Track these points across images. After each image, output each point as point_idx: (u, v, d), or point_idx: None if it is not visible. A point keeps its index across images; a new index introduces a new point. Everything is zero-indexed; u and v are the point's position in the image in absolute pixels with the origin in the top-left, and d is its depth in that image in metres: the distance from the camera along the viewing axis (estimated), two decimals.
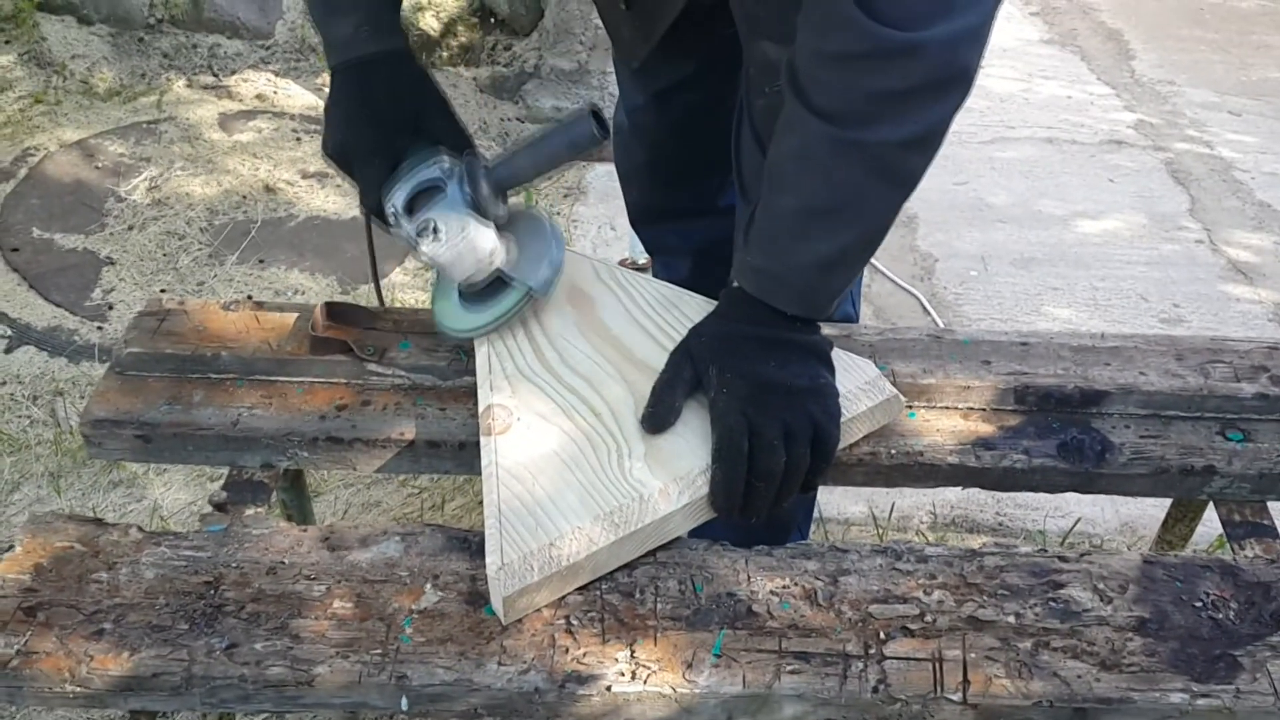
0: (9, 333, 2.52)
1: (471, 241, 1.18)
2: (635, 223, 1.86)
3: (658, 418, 1.14)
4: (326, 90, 1.29)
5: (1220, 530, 1.27)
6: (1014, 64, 4.31)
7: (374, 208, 1.24)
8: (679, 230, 1.76)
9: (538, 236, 1.25)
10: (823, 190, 1.10)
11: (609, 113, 1.26)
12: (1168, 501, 1.56)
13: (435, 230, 1.18)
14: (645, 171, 1.73)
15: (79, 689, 1.00)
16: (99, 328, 2.55)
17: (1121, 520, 2.17)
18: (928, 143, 1.08)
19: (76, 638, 1.02)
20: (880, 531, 2.12)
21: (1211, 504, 1.29)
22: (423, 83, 1.27)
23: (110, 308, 2.62)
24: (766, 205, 1.14)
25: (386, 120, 1.23)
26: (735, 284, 1.17)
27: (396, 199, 1.20)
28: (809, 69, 1.07)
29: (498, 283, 1.24)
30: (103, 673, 1.00)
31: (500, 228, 1.23)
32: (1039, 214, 3.25)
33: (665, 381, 1.16)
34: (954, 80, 1.04)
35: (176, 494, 2.15)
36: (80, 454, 2.19)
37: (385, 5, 1.27)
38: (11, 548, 1.11)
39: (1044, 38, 4.65)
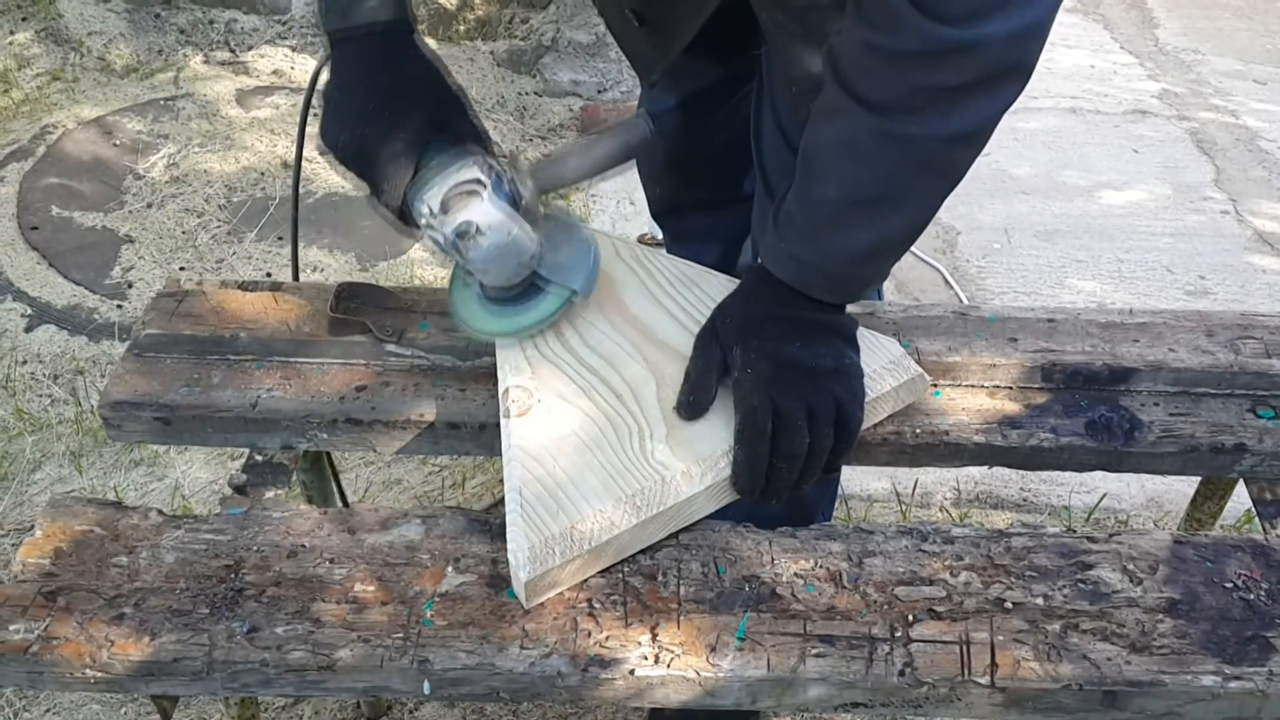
0: (29, 311, 2.52)
1: (517, 244, 1.13)
2: (658, 215, 1.83)
3: (696, 405, 1.13)
4: None
5: (1247, 505, 1.25)
6: None
7: (396, 210, 1.15)
8: (706, 220, 1.73)
9: (572, 237, 1.21)
10: (866, 181, 1.07)
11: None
12: (1196, 478, 1.54)
13: (478, 232, 1.11)
14: (670, 169, 1.70)
15: (100, 674, 1.00)
16: (118, 306, 2.55)
17: (1148, 496, 2.15)
18: (977, 137, 1.05)
19: (97, 622, 1.02)
20: (903, 508, 2.10)
21: (1241, 482, 1.27)
22: (437, 70, 1.19)
23: (130, 286, 2.62)
24: (803, 192, 1.11)
25: (409, 116, 1.14)
26: (760, 263, 1.16)
27: (431, 200, 1.12)
28: (856, 58, 1.03)
29: (528, 285, 1.20)
30: (123, 657, 0.99)
31: (535, 228, 1.18)
32: (1062, 185, 3.21)
33: (699, 368, 1.14)
34: (1009, 76, 1.01)
35: (198, 473, 2.16)
36: (101, 433, 2.19)
37: None
38: (32, 530, 1.11)
39: (1067, 6, 4.56)
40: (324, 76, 1.17)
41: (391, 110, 1.13)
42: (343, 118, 1.14)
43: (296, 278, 1.40)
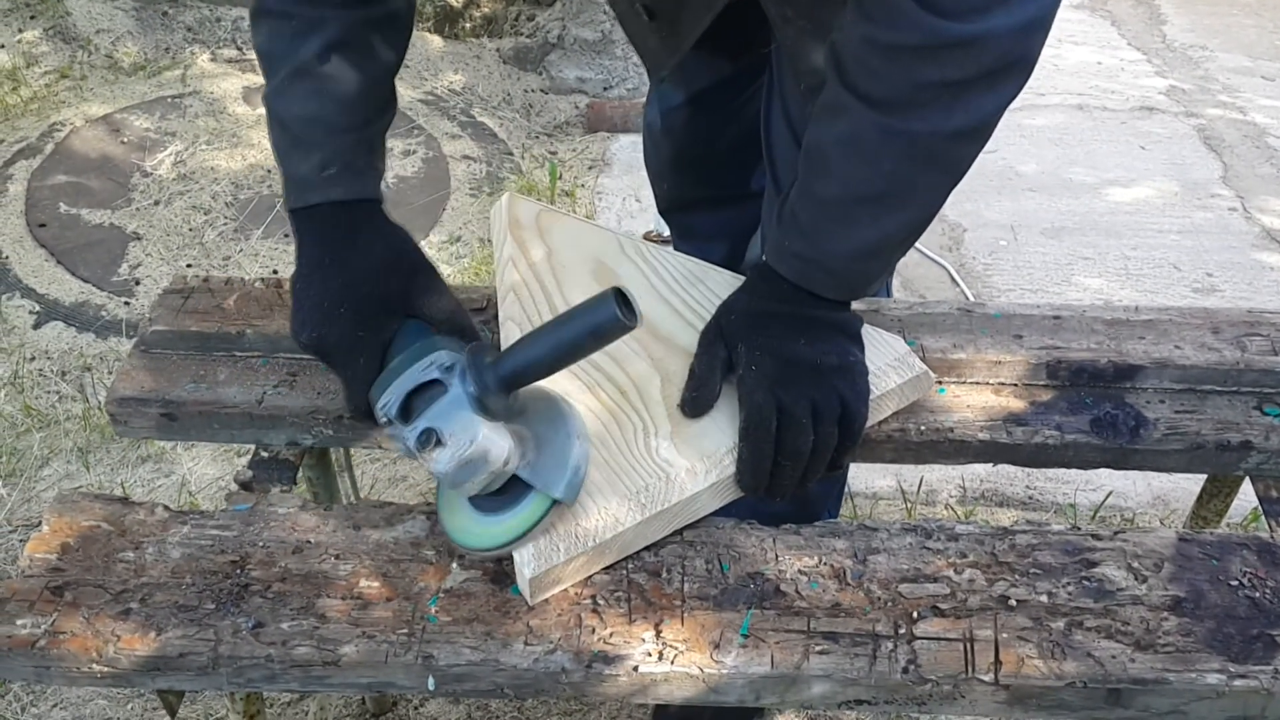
0: (37, 308, 2.53)
1: (483, 451, 0.98)
2: (665, 212, 1.83)
3: (699, 402, 1.13)
4: None
5: (1255, 503, 1.25)
6: None
7: (362, 409, 1.08)
8: (713, 216, 1.73)
9: (555, 427, 1.04)
10: (869, 178, 1.06)
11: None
12: (1202, 475, 1.54)
13: (439, 441, 0.98)
14: (677, 166, 1.70)
15: (106, 669, 1.00)
16: (126, 303, 2.56)
17: (1154, 494, 2.15)
18: (980, 132, 1.05)
19: (103, 617, 1.02)
20: (909, 506, 2.10)
21: (1248, 480, 1.27)
22: (405, 246, 1.13)
23: (137, 283, 2.62)
24: (806, 190, 1.11)
25: (370, 305, 1.08)
26: (765, 260, 1.16)
27: (390, 405, 1.02)
28: (858, 54, 1.03)
29: (514, 479, 1.04)
30: (129, 653, 1.00)
31: (512, 419, 1.04)
32: (1069, 182, 3.21)
33: (704, 365, 1.13)
34: (1010, 70, 1.00)
35: (205, 469, 2.16)
36: (109, 430, 2.20)
37: (360, 142, 1.13)
38: (39, 526, 1.12)
39: (1074, 2, 4.58)
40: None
41: (351, 302, 1.08)
42: (303, 312, 1.10)
43: None
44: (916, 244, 2.89)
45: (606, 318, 0.95)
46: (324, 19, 1.10)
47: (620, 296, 0.95)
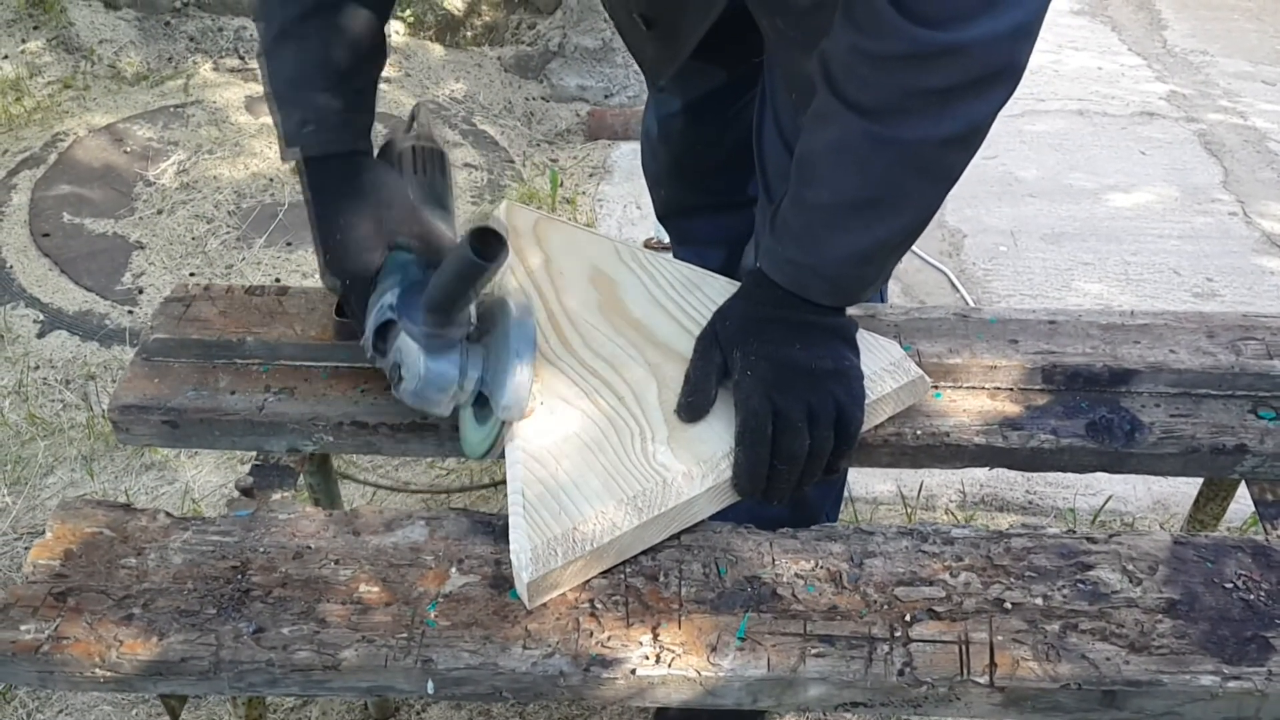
0: (41, 317, 2.54)
1: (429, 381, 1.07)
2: (663, 218, 1.84)
3: (695, 407, 1.13)
4: None
5: (1253, 508, 1.25)
6: (1043, 35, 4.12)
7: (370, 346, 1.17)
8: (710, 223, 1.74)
9: (505, 342, 1.09)
10: (858, 185, 1.07)
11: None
12: (1200, 480, 1.55)
13: (401, 375, 1.09)
14: (675, 173, 1.71)
15: (109, 673, 1.01)
16: (129, 312, 2.57)
17: (1154, 498, 2.15)
18: (969, 140, 1.05)
19: (106, 623, 1.03)
20: (908, 511, 2.11)
21: (1244, 483, 1.28)
22: (378, 187, 1.19)
23: (140, 291, 2.64)
24: (798, 198, 1.12)
25: (349, 250, 1.17)
26: (760, 267, 1.16)
27: (366, 341, 1.12)
28: (846, 63, 1.04)
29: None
30: (132, 657, 1.01)
31: (480, 336, 1.12)
32: (1069, 188, 3.22)
33: (700, 370, 1.14)
34: (998, 78, 1.01)
35: (208, 476, 2.17)
36: (112, 438, 2.21)
37: (338, 99, 1.19)
38: (43, 533, 1.13)
39: (1074, 8, 4.59)
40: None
41: (333, 250, 1.18)
42: (320, 260, 1.20)
43: None
44: (917, 250, 2.91)
45: (463, 262, 0.99)
46: None
47: (482, 235, 0.98)
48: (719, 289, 1.27)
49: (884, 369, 1.20)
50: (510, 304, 1.09)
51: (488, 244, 0.98)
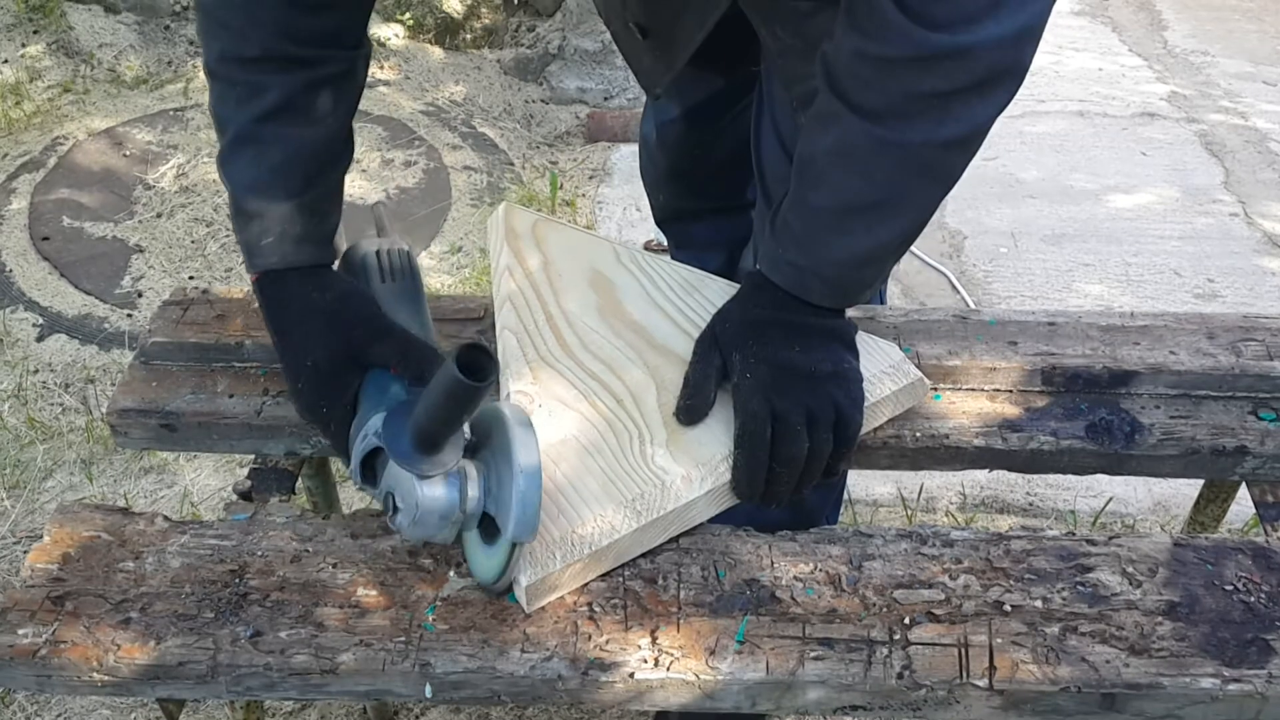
0: (40, 321, 2.54)
1: (426, 511, 0.98)
2: (662, 223, 1.84)
3: (694, 410, 1.13)
4: None
5: (1254, 510, 1.25)
6: (1044, 36, 4.25)
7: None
8: (709, 227, 1.74)
9: (506, 460, 0.98)
10: (861, 188, 1.07)
11: None
12: (1201, 481, 1.54)
13: (395, 505, 1.00)
14: (673, 178, 1.71)
15: (106, 678, 1.01)
16: (129, 315, 2.57)
17: (1155, 500, 2.15)
18: (972, 141, 1.05)
19: (104, 627, 1.03)
20: (909, 513, 2.10)
21: (1245, 485, 1.27)
22: (344, 304, 1.13)
23: (139, 295, 2.64)
24: (799, 200, 1.12)
25: (320, 374, 1.09)
26: (759, 269, 1.16)
27: (354, 474, 1.05)
28: (848, 66, 1.03)
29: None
30: (130, 661, 1.00)
31: (470, 454, 1.02)
32: (1070, 189, 3.21)
33: (699, 373, 1.14)
34: (1002, 80, 1.01)
35: (207, 480, 2.17)
36: (111, 441, 2.21)
37: (298, 209, 1.13)
38: (40, 538, 1.12)
39: (1074, 9, 4.59)
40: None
41: (304, 375, 1.10)
42: (287, 385, 1.14)
43: None
44: (917, 251, 2.90)
45: (454, 385, 0.89)
46: (264, 85, 1.10)
47: (472, 351, 0.89)
48: (718, 291, 1.26)
49: (883, 371, 1.20)
50: (505, 411, 0.99)
51: (476, 361, 0.89)
